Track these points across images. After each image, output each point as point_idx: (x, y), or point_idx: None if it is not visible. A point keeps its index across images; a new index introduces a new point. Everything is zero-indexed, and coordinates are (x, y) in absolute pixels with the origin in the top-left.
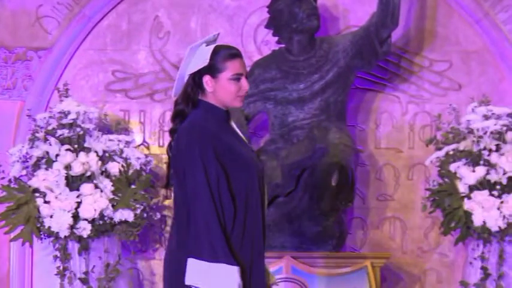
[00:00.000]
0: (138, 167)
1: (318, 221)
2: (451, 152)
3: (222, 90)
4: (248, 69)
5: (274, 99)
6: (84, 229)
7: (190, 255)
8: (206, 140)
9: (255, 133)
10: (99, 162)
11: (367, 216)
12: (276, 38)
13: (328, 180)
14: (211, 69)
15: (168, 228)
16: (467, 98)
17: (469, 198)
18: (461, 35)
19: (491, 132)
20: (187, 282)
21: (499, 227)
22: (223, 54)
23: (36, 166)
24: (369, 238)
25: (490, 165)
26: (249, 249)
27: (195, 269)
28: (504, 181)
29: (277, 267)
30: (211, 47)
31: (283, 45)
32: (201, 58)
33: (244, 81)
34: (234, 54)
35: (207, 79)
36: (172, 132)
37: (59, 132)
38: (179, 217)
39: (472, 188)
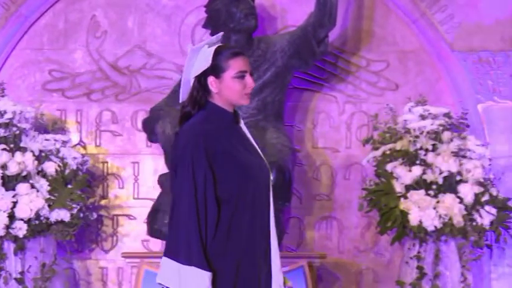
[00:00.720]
0: (74, 167)
1: None
2: (388, 152)
3: (227, 90)
4: None
5: None
6: (20, 229)
7: (166, 254)
8: (199, 141)
9: None
10: (35, 162)
11: (304, 216)
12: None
13: None
14: (215, 69)
15: (104, 228)
16: (404, 98)
17: (405, 197)
18: (398, 35)
19: (428, 132)
20: (157, 281)
21: (435, 227)
22: (225, 53)
23: None
24: (305, 238)
25: (426, 165)
26: (237, 255)
27: (168, 269)
28: (440, 181)
29: None
30: (213, 48)
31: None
32: (204, 60)
33: (248, 79)
34: (236, 52)
35: (211, 80)
36: (176, 134)
37: None
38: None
39: (408, 188)
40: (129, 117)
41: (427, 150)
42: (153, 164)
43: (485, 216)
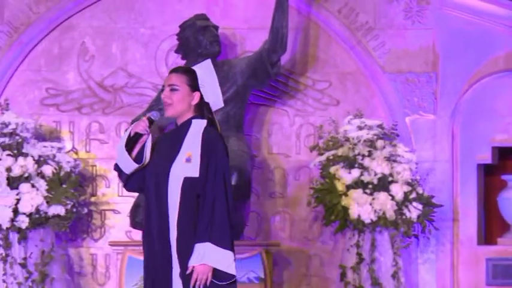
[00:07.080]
0: (68, 170)
1: None
2: (331, 157)
3: None
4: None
5: None
6: (23, 222)
7: None
8: None
9: None
10: (35, 165)
11: (261, 211)
12: (184, 61)
13: None
14: None
15: (94, 221)
16: (344, 112)
17: (346, 195)
18: (339, 58)
19: (364, 141)
20: None
21: (371, 220)
22: None
23: None
24: (263, 229)
25: (364, 168)
26: (144, 236)
27: None
28: (375, 181)
29: None
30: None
31: None
32: None
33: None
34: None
35: None
36: None
37: (1, 140)
38: None
39: (348, 187)
40: (113, 127)
41: (363, 155)
42: None
43: (413, 211)
